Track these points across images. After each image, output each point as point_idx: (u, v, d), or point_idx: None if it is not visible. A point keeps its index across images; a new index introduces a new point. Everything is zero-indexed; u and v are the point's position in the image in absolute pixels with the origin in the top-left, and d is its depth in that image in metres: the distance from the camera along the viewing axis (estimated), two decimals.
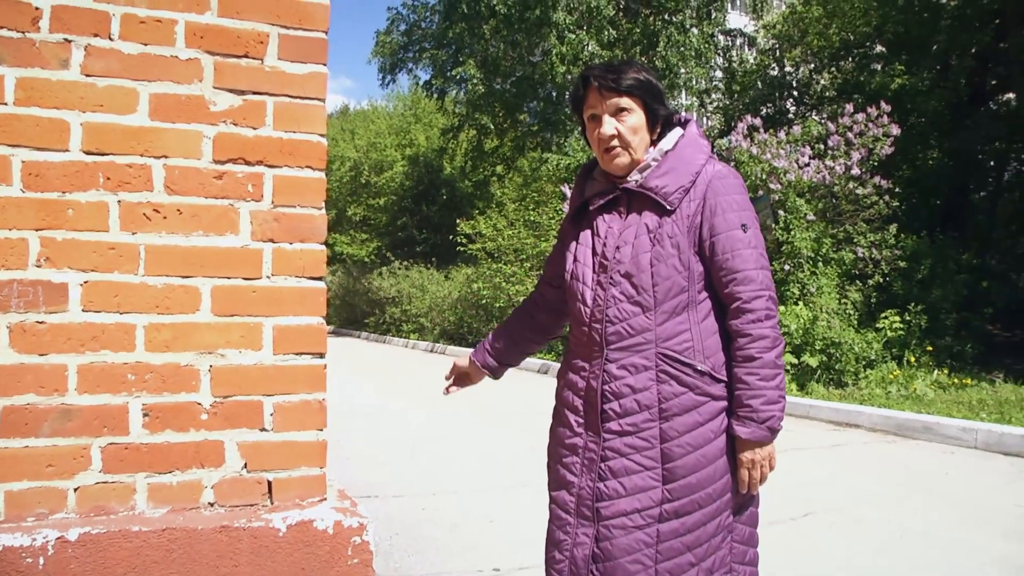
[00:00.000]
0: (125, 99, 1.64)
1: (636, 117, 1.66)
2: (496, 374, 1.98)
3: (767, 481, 1.66)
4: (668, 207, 1.62)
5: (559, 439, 1.75)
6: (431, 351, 15.14)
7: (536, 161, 18.95)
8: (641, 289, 1.62)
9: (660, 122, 1.70)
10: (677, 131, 1.72)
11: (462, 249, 15.98)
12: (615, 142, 1.66)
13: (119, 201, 1.66)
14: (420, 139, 30.37)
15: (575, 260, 1.74)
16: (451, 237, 17.03)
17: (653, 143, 1.70)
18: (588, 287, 1.70)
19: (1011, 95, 13.22)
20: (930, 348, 8.10)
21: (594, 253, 1.71)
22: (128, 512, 1.68)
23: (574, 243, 1.76)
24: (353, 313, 22.46)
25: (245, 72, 1.71)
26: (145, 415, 1.70)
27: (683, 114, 1.78)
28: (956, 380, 7.29)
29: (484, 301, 14.29)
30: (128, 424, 1.69)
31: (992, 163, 13.89)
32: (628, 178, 1.69)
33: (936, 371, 7.57)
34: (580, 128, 1.80)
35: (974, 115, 12.22)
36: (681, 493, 1.60)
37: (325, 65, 1.76)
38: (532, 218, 14.98)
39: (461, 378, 2.03)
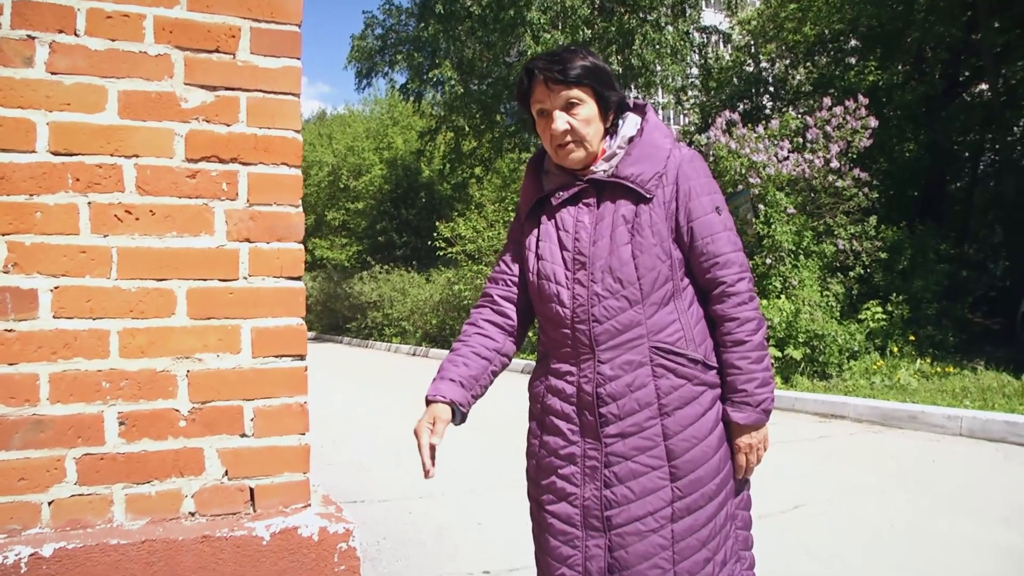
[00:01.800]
0: (93, 97, 1.58)
1: (588, 108, 1.57)
2: (464, 418, 1.66)
3: (761, 463, 1.64)
4: (647, 195, 1.56)
5: (552, 450, 1.64)
6: (413, 354, 15.08)
7: (514, 162, 18.94)
8: (626, 283, 1.55)
9: (613, 109, 1.62)
10: (634, 117, 1.64)
11: (442, 253, 15.93)
12: (568, 137, 1.57)
13: (89, 203, 1.61)
14: (398, 142, 30.26)
15: (540, 258, 1.64)
16: (429, 242, 16.97)
17: (607, 131, 1.63)
18: (563, 286, 1.60)
19: (984, 86, 13.38)
20: (912, 338, 8.16)
21: (563, 249, 1.61)
22: (105, 525, 1.62)
23: (535, 241, 1.65)
24: (334, 318, 22.34)
25: (217, 67, 1.66)
26: (121, 424, 1.64)
27: (635, 99, 1.71)
28: (939, 369, 7.35)
29: (466, 303, 14.26)
30: (103, 433, 1.63)
31: (967, 154, 14.05)
32: (594, 168, 1.61)
33: (919, 360, 7.62)
34: (529, 123, 1.69)
35: (949, 107, 12.36)
36: (691, 488, 1.55)
37: (299, 59, 1.71)
38: (512, 219, 14.95)
39: (438, 432, 1.62)
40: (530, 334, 2.16)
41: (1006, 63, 11.95)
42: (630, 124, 1.64)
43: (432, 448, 1.59)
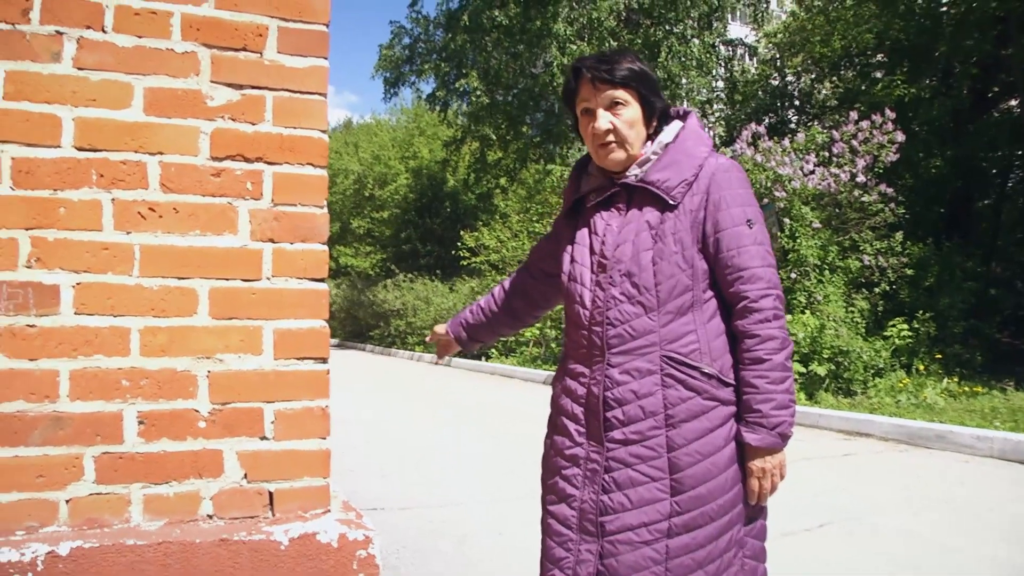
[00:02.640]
0: (119, 93, 1.58)
1: (632, 110, 1.57)
2: (467, 347, 2.04)
3: (777, 491, 1.56)
4: (671, 202, 1.54)
5: (558, 450, 1.64)
6: (436, 363, 15.05)
7: (540, 172, 18.94)
8: (643, 289, 1.53)
9: (656, 115, 1.61)
10: (676, 124, 1.63)
11: (465, 262, 15.95)
12: (610, 137, 1.57)
13: (113, 199, 1.60)
14: (423, 152, 30.47)
15: (572, 260, 1.65)
16: (453, 251, 17.01)
17: (650, 137, 1.62)
18: (587, 288, 1.60)
19: (1014, 102, 13.19)
20: (939, 356, 8.01)
21: (592, 252, 1.62)
22: (123, 525, 1.60)
23: (570, 243, 1.67)
24: (358, 326, 22.44)
25: (243, 66, 1.65)
26: (140, 423, 1.62)
27: (682, 107, 1.70)
28: (966, 388, 7.20)
29: None
30: (122, 432, 1.61)
31: (995, 171, 13.83)
32: (627, 173, 1.60)
33: (946, 379, 7.47)
34: (572, 123, 1.70)
35: (977, 122, 12.18)
36: (691, 505, 1.50)
37: (326, 59, 1.70)
38: (536, 229, 14.95)
39: (443, 346, 2.08)
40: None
41: None
42: (669, 131, 1.63)
43: (432, 340, 2.10)
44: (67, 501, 1.56)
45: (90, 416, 1.58)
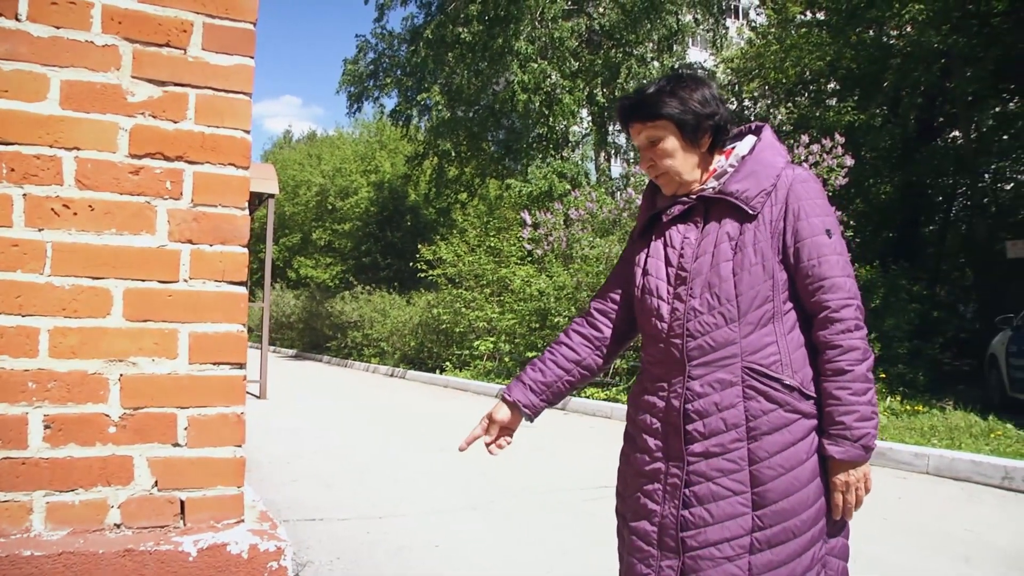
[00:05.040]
0: (34, 85, 1.52)
1: (669, 142, 1.57)
2: (534, 417, 1.74)
3: (862, 505, 1.52)
4: (751, 212, 1.52)
5: (637, 467, 1.61)
6: (391, 375, 14.95)
7: (500, 188, 18.98)
8: (724, 300, 1.51)
9: (706, 132, 1.58)
10: (751, 138, 1.63)
11: (423, 275, 15.89)
12: (654, 173, 1.61)
13: (24, 195, 1.54)
14: (385, 166, 30.38)
15: (646, 274, 1.63)
16: (412, 264, 16.94)
17: (711, 151, 1.61)
18: (664, 301, 1.58)
19: (956, 132, 13.66)
20: (884, 375, 8.18)
21: (668, 264, 1.60)
22: (21, 535, 1.53)
23: (644, 256, 1.65)
24: (316, 337, 22.19)
25: (166, 62, 1.61)
26: (47, 427, 1.56)
27: (754, 122, 1.69)
28: (909, 407, 7.36)
29: (444, 326, 14.18)
30: (27, 437, 1.54)
31: (940, 198, 14.30)
32: (703, 186, 1.60)
33: (889, 398, 7.64)
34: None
35: (923, 150, 12.59)
36: (773, 520, 1.46)
37: (252, 58, 1.67)
38: (493, 244, 14.95)
39: (502, 432, 1.74)
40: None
41: (977, 111, 12.21)
42: (745, 144, 1.63)
43: (474, 439, 1.75)
44: None
45: None
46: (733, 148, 1.63)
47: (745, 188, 1.55)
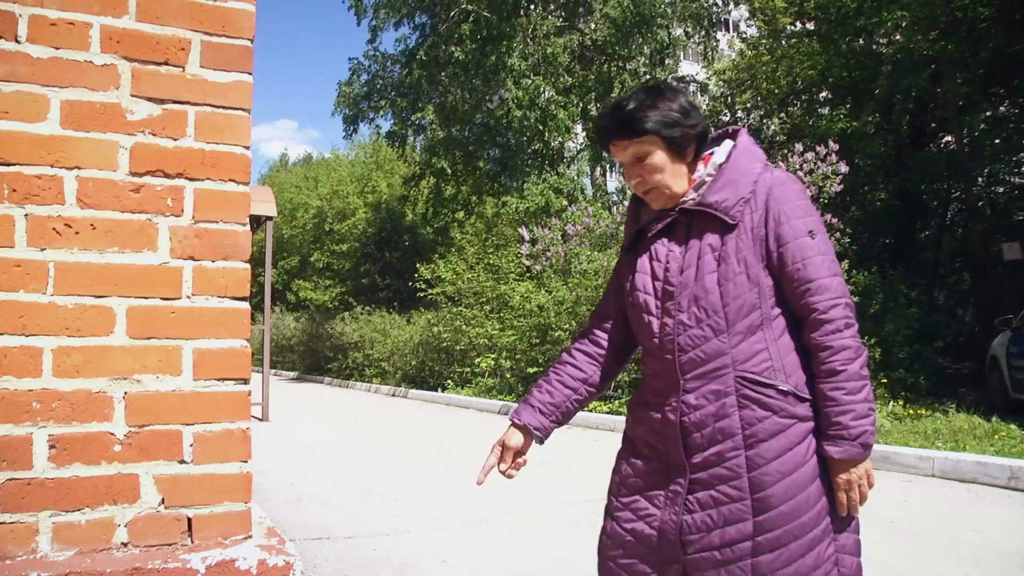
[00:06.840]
0: (34, 106, 1.54)
1: (656, 156, 1.56)
2: (544, 439, 1.72)
3: (866, 500, 1.53)
4: (731, 221, 1.53)
5: (637, 473, 1.62)
6: (393, 395, 14.91)
7: (496, 205, 19.02)
8: (711, 312, 1.51)
9: (690, 143, 1.59)
10: (727, 143, 1.63)
11: (422, 294, 15.89)
12: (643, 188, 1.60)
13: (26, 215, 1.55)
14: (382, 186, 30.46)
15: (635, 289, 1.63)
16: (411, 284, 16.95)
17: (695, 160, 1.61)
18: (655, 316, 1.59)
19: (949, 137, 13.74)
20: (885, 380, 8.18)
21: (655, 279, 1.60)
22: (28, 556, 1.52)
23: (632, 273, 1.65)
24: (316, 359, 22.13)
25: (165, 80, 1.62)
26: (52, 447, 1.55)
27: (731, 127, 1.69)
28: (911, 411, 7.35)
29: (445, 344, 14.16)
30: (32, 457, 1.54)
31: (936, 203, 14.37)
32: (684, 198, 1.60)
33: (892, 402, 7.62)
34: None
35: (916, 156, 12.66)
36: (775, 524, 1.47)
37: (250, 74, 1.68)
38: (492, 261, 14.97)
39: (515, 456, 1.72)
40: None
41: (968, 115, 12.30)
42: (721, 151, 1.62)
43: (490, 468, 1.71)
44: None
45: None
46: (711, 154, 1.63)
47: (724, 199, 1.55)
